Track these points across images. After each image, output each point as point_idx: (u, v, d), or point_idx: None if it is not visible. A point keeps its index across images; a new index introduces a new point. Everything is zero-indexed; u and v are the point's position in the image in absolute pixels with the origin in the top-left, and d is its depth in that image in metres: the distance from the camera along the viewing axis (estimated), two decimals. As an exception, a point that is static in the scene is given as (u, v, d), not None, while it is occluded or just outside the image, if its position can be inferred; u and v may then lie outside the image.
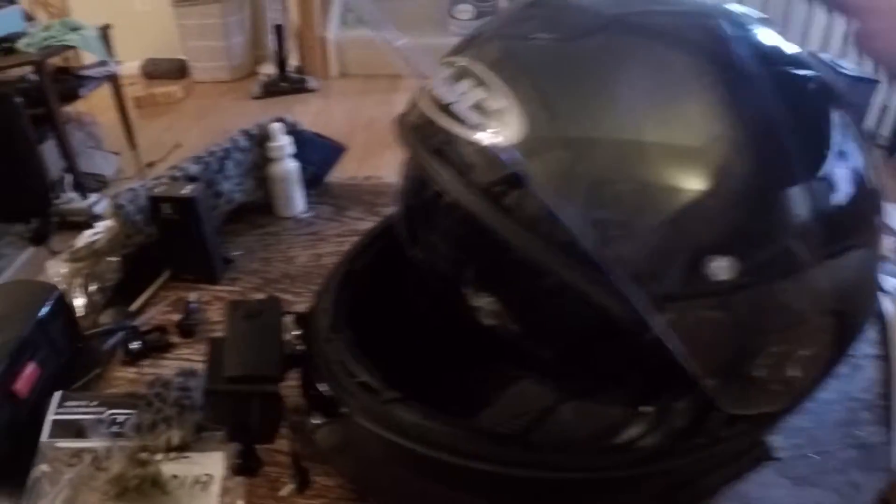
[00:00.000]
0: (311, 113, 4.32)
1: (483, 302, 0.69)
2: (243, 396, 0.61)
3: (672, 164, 0.46)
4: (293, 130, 1.18)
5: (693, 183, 0.45)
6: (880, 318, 0.88)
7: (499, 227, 0.48)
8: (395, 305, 0.74)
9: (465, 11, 5.04)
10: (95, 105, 4.13)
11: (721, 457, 0.54)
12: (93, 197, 3.13)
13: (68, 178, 3.17)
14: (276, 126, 1.13)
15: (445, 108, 0.52)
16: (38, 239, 2.91)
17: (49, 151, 3.14)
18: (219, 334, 0.65)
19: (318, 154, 1.24)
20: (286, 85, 4.81)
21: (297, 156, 1.17)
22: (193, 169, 1.05)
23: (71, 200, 3.10)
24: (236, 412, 0.62)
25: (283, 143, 1.14)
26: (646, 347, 0.48)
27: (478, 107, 0.50)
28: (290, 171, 1.16)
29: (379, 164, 2.98)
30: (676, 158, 0.46)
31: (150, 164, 3.73)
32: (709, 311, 0.46)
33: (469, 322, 0.69)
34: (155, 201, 0.95)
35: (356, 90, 4.85)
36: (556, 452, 0.56)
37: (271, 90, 4.78)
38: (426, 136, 0.54)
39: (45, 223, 2.96)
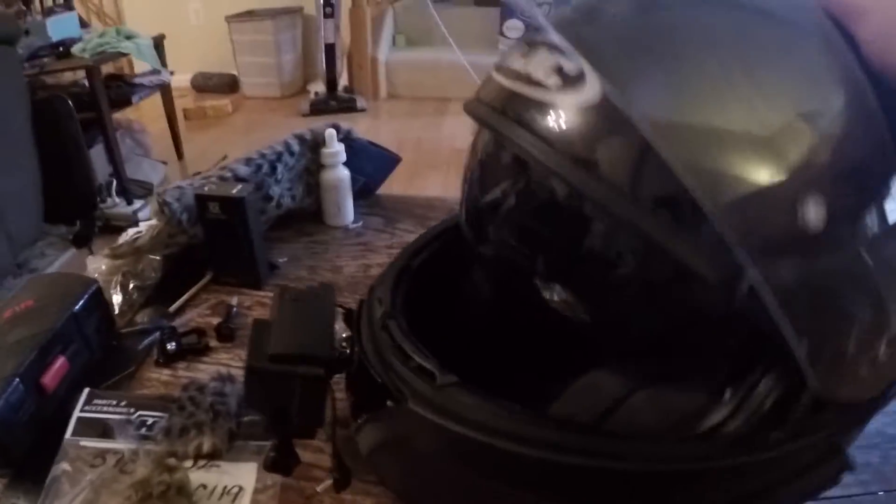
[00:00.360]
0: (359, 132, 4.28)
1: (556, 291, 0.64)
2: (286, 377, 0.54)
3: (770, 111, 0.44)
4: (347, 138, 1.14)
5: (795, 127, 0.43)
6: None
7: (587, 188, 0.45)
8: (453, 303, 0.70)
9: (515, 29, 5.05)
10: (146, 114, 4.19)
11: (803, 457, 0.49)
12: (137, 203, 3.14)
13: (114, 184, 3.17)
14: (331, 132, 1.09)
15: (522, 77, 0.49)
16: (81, 241, 2.91)
17: (97, 156, 3.16)
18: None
19: (371, 164, 1.20)
20: (335, 104, 4.84)
21: (349, 164, 1.13)
22: (243, 170, 1.02)
23: (115, 205, 3.11)
24: (277, 395, 0.56)
25: (336, 149, 1.10)
26: (729, 324, 0.47)
27: (557, 70, 0.47)
28: (342, 180, 1.12)
29: (425, 184, 2.95)
30: (775, 103, 0.44)
31: (196, 174, 3.72)
32: (804, 264, 0.43)
33: (536, 316, 0.64)
34: (202, 200, 0.92)
35: (404, 111, 4.86)
36: (634, 440, 0.51)
37: (320, 108, 4.81)
38: (504, 106, 0.51)
39: (89, 226, 2.96)
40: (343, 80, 5.09)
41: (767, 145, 0.42)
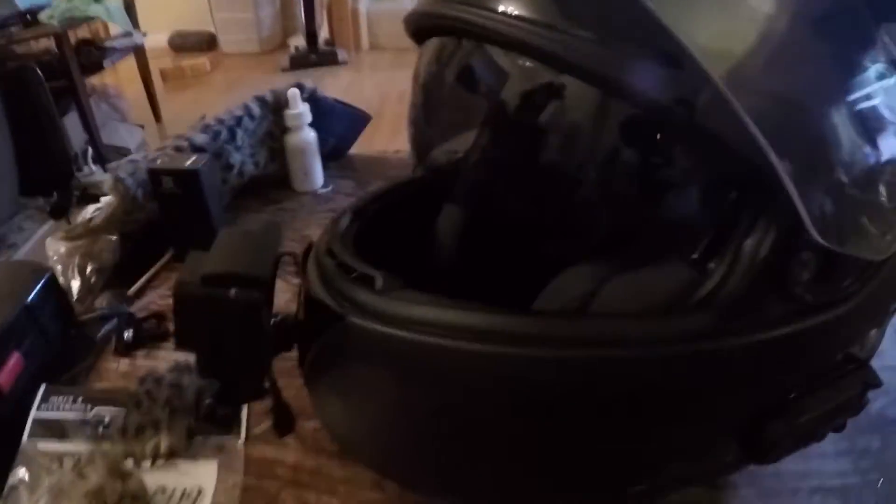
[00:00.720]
0: (341, 86, 4.24)
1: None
2: (217, 302, 0.46)
3: None
4: (312, 98, 1.07)
5: None
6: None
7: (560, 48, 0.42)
8: (412, 245, 0.65)
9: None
10: (122, 77, 4.10)
11: (816, 340, 0.46)
12: (115, 170, 3.07)
13: (90, 151, 3.10)
14: (294, 92, 1.03)
15: None
16: (58, 212, 2.84)
17: (72, 124, 3.08)
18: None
19: (340, 124, 1.14)
20: (315, 58, 4.74)
21: (316, 125, 1.07)
22: (200, 139, 0.96)
23: (92, 173, 3.04)
24: (211, 325, 0.47)
25: (300, 110, 1.04)
26: (701, 185, 0.48)
27: None
28: (308, 142, 1.05)
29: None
30: None
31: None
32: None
33: (502, 238, 0.62)
34: (155, 174, 0.86)
35: (387, 63, 4.76)
36: (618, 319, 0.46)
37: (300, 63, 4.71)
38: None
39: (66, 197, 2.90)
40: (323, 33, 4.97)
41: None
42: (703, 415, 0.47)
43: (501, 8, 0.44)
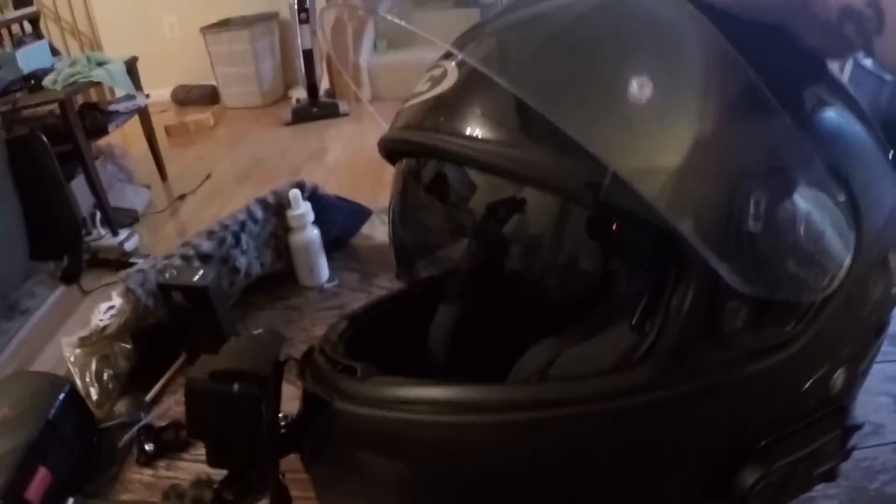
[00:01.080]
0: (343, 137, 4.29)
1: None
2: (223, 397, 0.52)
3: None
4: (314, 195, 1.11)
5: None
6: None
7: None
8: (402, 342, 0.69)
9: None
10: (127, 134, 4.15)
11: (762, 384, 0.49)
12: (123, 233, 3.11)
13: (98, 215, 3.14)
14: (295, 193, 1.06)
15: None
16: (69, 277, 2.89)
17: (79, 187, 3.13)
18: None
19: (341, 216, 1.17)
20: (317, 110, 4.80)
21: (318, 219, 1.10)
22: (206, 246, 0.99)
23: (101, 237, 3.08)
24: (216, 416, 0.53)
25: (302, 210, 1.07)
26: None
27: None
28: (312, 241, 1.09)
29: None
30: None
31: (181, 197, 3.72)
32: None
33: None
34: (165, 289, 0.89)
35: (389, 114, 4.74)
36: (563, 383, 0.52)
37: (302, 116, 4.77)
38: (420, 122, 0.54)
39: (76, 261, 2.94)
40: (324, 84, 5.04)
41: None
42: (667, 465, 0.51)
43: (461, 131, 0.50)
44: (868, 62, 0.47)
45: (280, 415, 0.58)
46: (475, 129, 0.49)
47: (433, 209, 0.67)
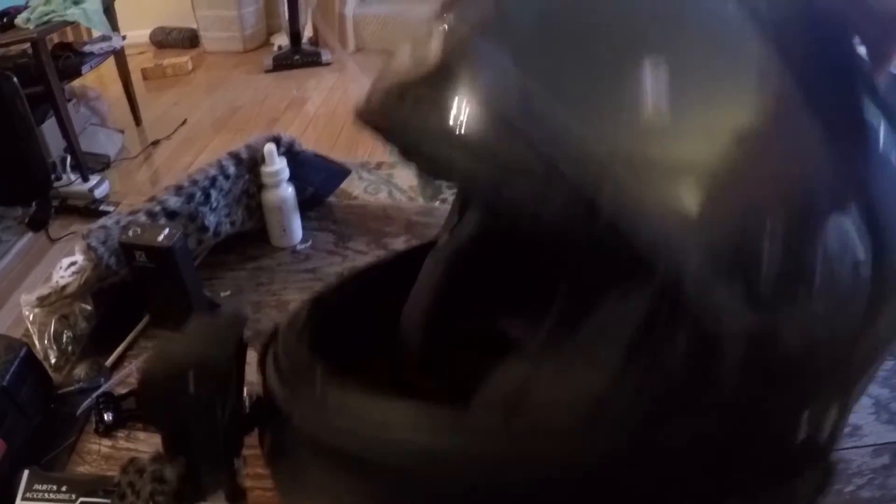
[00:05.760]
0: (324, 88, 4.20)
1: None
2: (180, 392, 0.51)
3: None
4: (290, 151, 1.05)
5: None
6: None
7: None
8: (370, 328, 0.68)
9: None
10: (102, 76, 4.05)
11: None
12: (94, 179, 3.04)
13: (69, 160, 3.06)
14: (270, 148, 1.01)
15: None
16: (37, 224, 2.83)
17: (50, 131, 3.05)
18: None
19: (319, 175, 1.12)
20: (299, 58, 4.67)
21: (294, 176, 1.05)
22: (173, 202, 0.93)
23: (71, 183, 3.00)
24: (172, 409, 0.53)
25: (277, 167, 1.01)
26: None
27: None
28: (286, 200, 1.03)
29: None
30: None
31: (155, 143, 3.65)
32: None
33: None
34: (128, 248, 0.84)
35: (373, 66, 4.70)
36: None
37: (284, 63, 4.65)
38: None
39: (45, 207, 2.87)
40: (308, 32, 4.92)
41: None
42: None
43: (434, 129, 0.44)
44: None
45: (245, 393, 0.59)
46: (451, 130, 0.42)
47: None
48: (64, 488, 0.69)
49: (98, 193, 2.99)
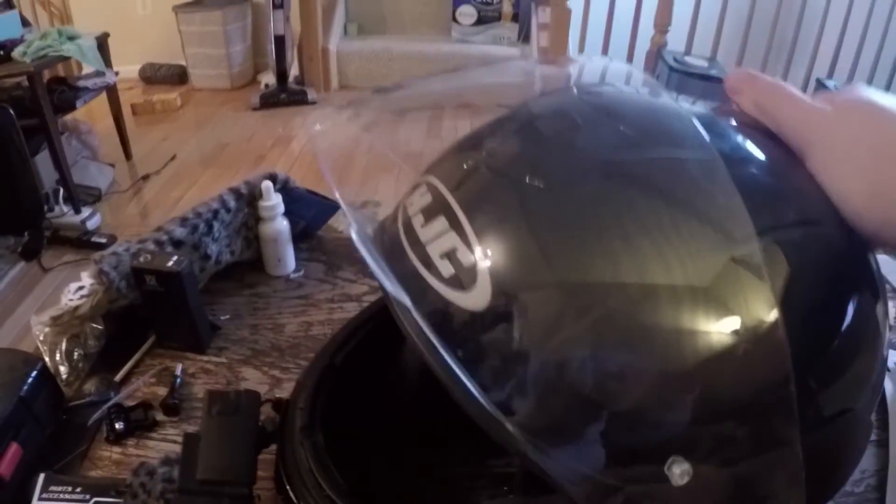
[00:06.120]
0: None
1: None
2: (214, 498, 0.61)
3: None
4: (285, 188, 1.14)
5: None
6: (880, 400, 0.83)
7: (438, 368, 0.44)
8: (374, 402, 0.72)
9: (468, 16, 5.06)
10: (94, 110, 4.12)
11: None
12: (86, 211, 3.11)
13: (62, 192, 3.13)
14: (267, 185, 1.10)
15: (418, 245, 0.49)
16: (30, 254, 2.89)
17: (43, 162, 3.12)
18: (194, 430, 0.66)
19: (310, 210, 1.21)
20: (285, 97, 4.79)
21: (288, 210, 1.14)
22: (179, 232, 1.02)
23: (63, 214, 3.07)
24: None
25: (274, 202, 1.11)
26: None
27: (449, 256, 0.46)
28: (281, 232, 1.12)
29: (379, 188, 2.96)
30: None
31: (145, 178, 3.71)
32: None
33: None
34: (139, 273, 0.92)
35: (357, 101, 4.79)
36: None
37: (270, 101, 4.77)
38: (397, 256, 0.51)
39: (37, 237, 2.93)
40: (294, 71, 5.04)
41: None
42: None
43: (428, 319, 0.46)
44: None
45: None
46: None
47: None
48: (78, 490, 0.74)
49: (90, 225, 3.06)
